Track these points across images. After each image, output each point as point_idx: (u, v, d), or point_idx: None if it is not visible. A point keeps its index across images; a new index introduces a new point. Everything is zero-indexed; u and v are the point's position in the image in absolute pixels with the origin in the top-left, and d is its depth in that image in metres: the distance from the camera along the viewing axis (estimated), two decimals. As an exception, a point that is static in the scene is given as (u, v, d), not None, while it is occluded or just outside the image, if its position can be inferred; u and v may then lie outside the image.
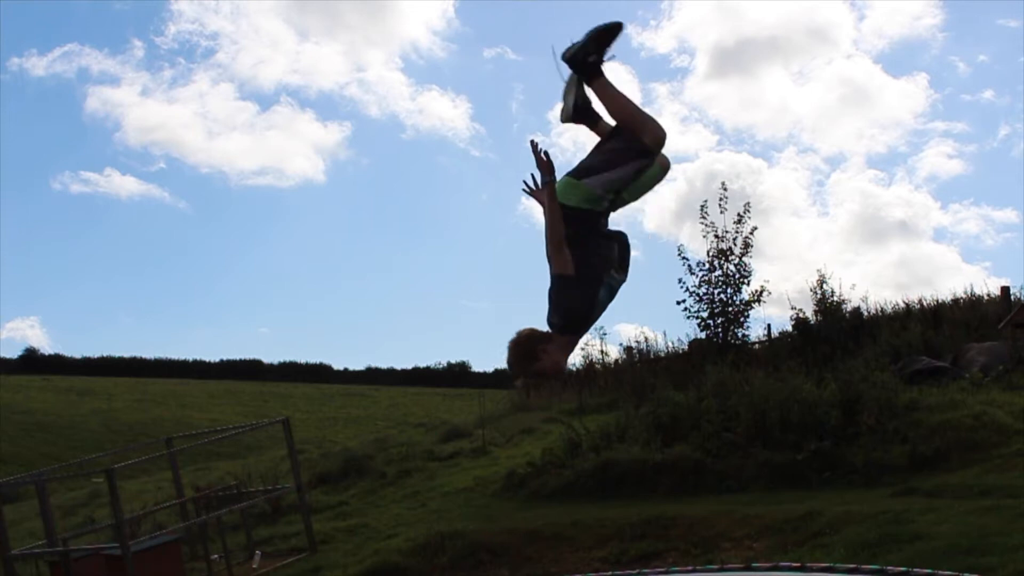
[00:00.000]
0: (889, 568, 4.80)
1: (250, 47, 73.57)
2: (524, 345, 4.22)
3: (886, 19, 65.95)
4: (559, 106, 4.30)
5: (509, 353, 4.26)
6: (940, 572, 4.85)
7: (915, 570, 4.83)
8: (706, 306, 16.95)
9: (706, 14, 68.06)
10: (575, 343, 4.22)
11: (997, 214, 62.99)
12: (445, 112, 74.62)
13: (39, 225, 72.41)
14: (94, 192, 72.95)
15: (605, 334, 20.61)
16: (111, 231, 74.10)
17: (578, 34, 4.10)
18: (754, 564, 6.24)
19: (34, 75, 70.12)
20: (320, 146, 74.00)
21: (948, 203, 74.19)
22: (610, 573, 7.58)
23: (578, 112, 4.28)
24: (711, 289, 16.91)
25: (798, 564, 6.05)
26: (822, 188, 63.38)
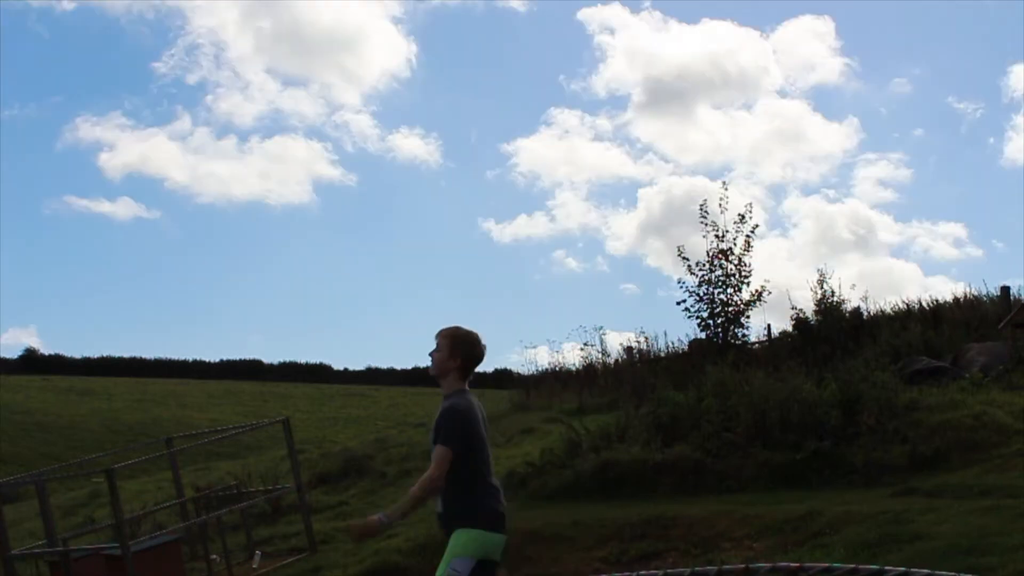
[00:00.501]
0: (889, 568, 4.80)
1: (232, 89, 74.65)
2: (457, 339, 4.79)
3: (804, 65, 67.91)
4: (519, 141, 4.46)
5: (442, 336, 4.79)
6: (940, 572, 4.85)
7: (915, 570, 4.82)
8: (706, 306, 16.96)
9: (634, 56, 69.69)
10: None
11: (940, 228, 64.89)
12: (417, 149, 75.84)
13: (31, 246, 72.80)
14: (89, 215, 73.22)
15: (605, 334, 20.66)
16: (105, 255, 74.49)
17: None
18: (754, 564, 6.23)
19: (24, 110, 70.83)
20: (311, 171, 75.07)
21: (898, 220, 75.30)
22: (610, 573, 7.59)
23: None
24: (711, 289, 16.92)
25: (798, 564, 6.04)
26: (776, 209, 64.38)
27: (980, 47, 67.06)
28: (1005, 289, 16.69)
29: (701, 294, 16.97)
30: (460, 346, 4.74)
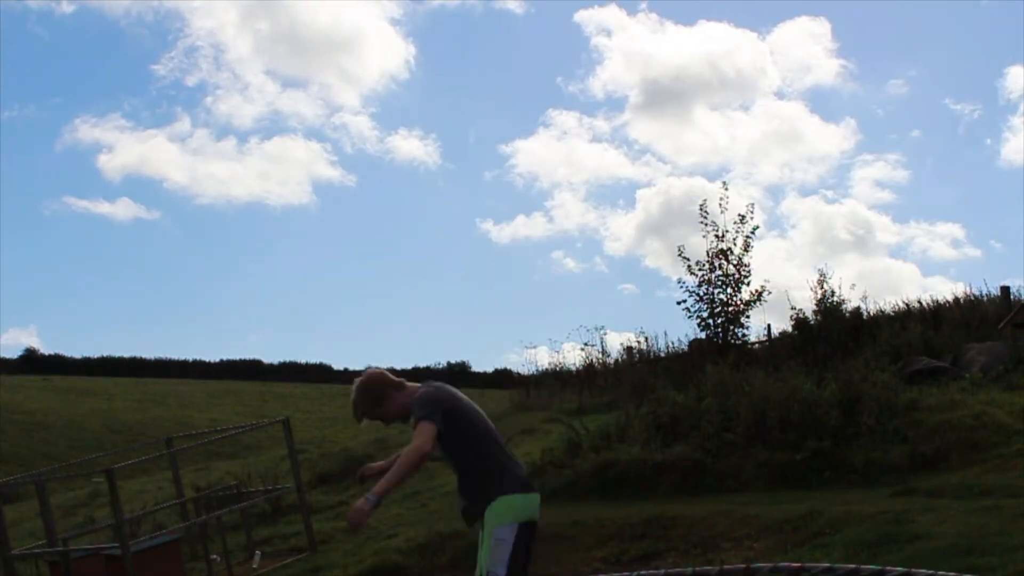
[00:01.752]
0: (889, 568, 4.81)
1: (231, 91, 74.68)
2: (371, 389, 4.40)
3: (800, 66, 67.98)
4: (517, 142, 4.43)
5: (355, 392, 4.45)
6: (940, 572, 4.85)
7: (915, 570, 4.83)
8: (706, 306, 16.97)
9: (631, 58, 69.77)
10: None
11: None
12: (416, 151, 75.79)
13: (31, 246, 72.78)
14: (89, 216, 73.16)
15: (605, 334, 20.68)
16: (105, 255, 74.40)
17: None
18: (754, 564, 6.24)
19: (24, 111, 70.79)
20: (310, 171, 75.11)
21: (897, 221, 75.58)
22: (610, 573, 7.59)
23: None
24: (711, 289, 16.93)
25: (798, 564, 6.05)
26: (775, 209, 64.55)
27: (977, 49, 67.27)
28: (1005, 289, 16.70)
29: (701, 294, 16.98)
30: (373, 395, 4.51)
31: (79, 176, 74.99)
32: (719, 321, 16.89)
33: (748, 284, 16.90)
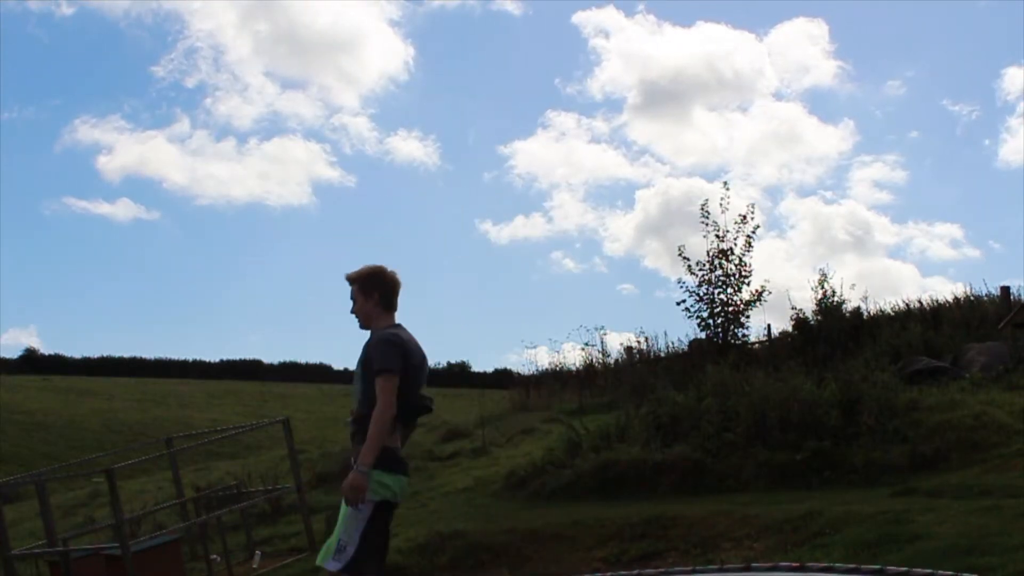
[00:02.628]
0: (889, 568, 4.81)
1: (231, 92, 74.73)
2: (370, 278, 4.77)
3: (798, 67, 68.13)
4: (516, 143, 4.49)
5: (363, 269, 4.84)
6: (940, 572, 4.85)
7: (915, 570, 4.83)
8: (706, 306, 16.98)
9: (629, 59, 69.84)
10: None
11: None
12: (415, 151, 75.83)
13: (31, 247, 72.74)
14: (88, 216, 73.12)
15: (605, 334, 20.70)
16: (105, 256, 74.37)
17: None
18: (754, 564, 6.24)
19: (24, 112, 70.82)
20: (310, 172, 75.16)
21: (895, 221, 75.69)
22: (610, 573, 7.59)
23: None
24: (711, 289, 16.94)
25: (798, 564, 6.05)
26: (773, 210, 64.62)
27: (974, 49, 67.31)
28: (1005, 289, 16.71)
29: (701, 294, 16.99)
30: (370, 282, 4.66)
31: (79, 177, 74.85)
32: (719, 321, 16.91)
33: (748, 284, 16.93)
